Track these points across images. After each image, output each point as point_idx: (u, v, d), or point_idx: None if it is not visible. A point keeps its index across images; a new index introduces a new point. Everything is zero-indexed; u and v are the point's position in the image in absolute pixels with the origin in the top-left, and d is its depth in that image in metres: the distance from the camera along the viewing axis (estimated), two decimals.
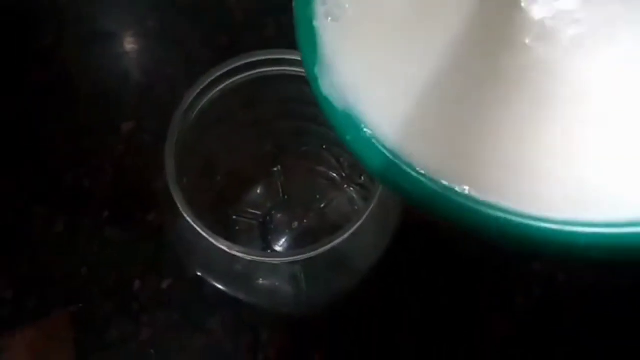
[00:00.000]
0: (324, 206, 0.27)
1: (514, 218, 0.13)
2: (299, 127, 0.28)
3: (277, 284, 0.23)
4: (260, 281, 0.23)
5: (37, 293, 0.33)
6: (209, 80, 0.24)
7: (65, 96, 0.37)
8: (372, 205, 0.20)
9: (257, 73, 0.25)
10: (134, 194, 0.34)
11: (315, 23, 0.16)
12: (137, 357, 0.32)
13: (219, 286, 0.23)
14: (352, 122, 0.15)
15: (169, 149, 0.21)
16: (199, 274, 0.23)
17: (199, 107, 0.25)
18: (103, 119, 0.36)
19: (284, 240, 0.27)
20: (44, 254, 0.33)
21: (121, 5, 0.40)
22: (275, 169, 0.30)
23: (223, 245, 0.20)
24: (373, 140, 0.15)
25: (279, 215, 0.28)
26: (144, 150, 0.35)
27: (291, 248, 0.26)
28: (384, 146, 0.14)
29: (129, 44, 0.39)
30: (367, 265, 0.23)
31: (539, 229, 0.13)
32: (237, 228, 0.28)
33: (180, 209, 0.20)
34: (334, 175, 0.29)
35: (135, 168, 0.35)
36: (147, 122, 0.36)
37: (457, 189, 0.14)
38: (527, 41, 0.14)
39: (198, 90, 0.24)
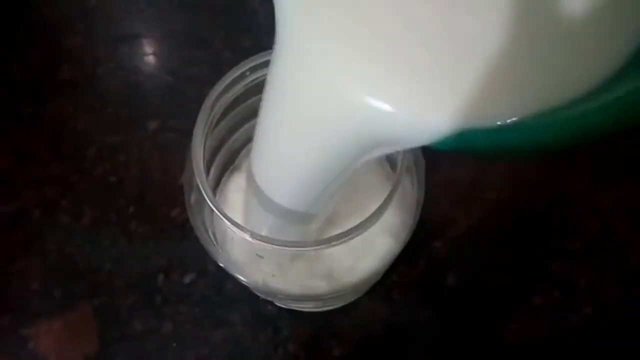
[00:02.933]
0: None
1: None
2: None
3: (301, 272, 0.23)
4: (284, 269, 0.23)
5: (63, 285, 0.34)
6: (234, 76, 0.25)
7: (93, 94, 0.38)
8: (397, 189, 0.20)
9: None
10: (159, 190, 0.35)
11: None
12: (158, 349, 0.32)
13: (241, 278, 0.24)
14: None
15: (197, 139, 0.21)
16: (221, 265, 0.24)
17: (224, 103, 0.25)
18: (130, 117, 0.37)
19: None
20: (70, 247, 0.34)
21: (148, 7, 0.41)
22: None
23: (246, 234, 0.20)
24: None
25: None
26: (169, 148, 0.36)
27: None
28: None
29: (155, 45, 0.40)
30: (391, 253, 0.23)
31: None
32: None
33: (205, 197, 0.21)
34: None
35: (161, 165, 0.36)
36: (173, 121, 0.37)
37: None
38: None
39: (223, 86, 0.25)
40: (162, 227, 0.35)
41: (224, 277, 0.33)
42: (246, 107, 0.26)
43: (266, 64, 0.24)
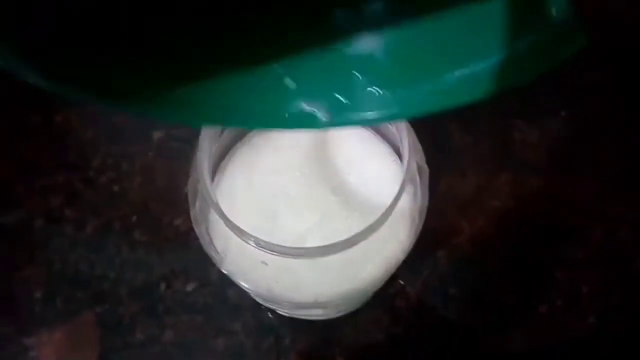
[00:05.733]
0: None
1: None
2: None
3: (306, 278, 0.23)
4: (288, 276, 0.23)
5: (66, 293, 0.34)
6: None
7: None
8: (400, 197, 0.20)
9: None
10: (163, 199, 0.35)
11: None
12: (160, 358, 0.32)
13: (245, 285, 0.24)
14: None
15: (203, 145, 0.22)
16: (225, 272, 0.24)
17: None
18: (135, 126, 0.37)
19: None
20: (73, 256, 0.34)
21: None
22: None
23: (251, 241, 0.20)
24: None
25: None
26: (174, 157, 0.36)
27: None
28: None
29: None
30: (395, 260, 0.24)
31: None
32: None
33: (211, 204, 0.21)
34: None
35: (165, 174, 0.36)
36: (177, 130, 0.37)
37: None
38: None
39: None
40: (165, 236, 0.35)
41: (226, 286, 0.33)
42: None
43: None
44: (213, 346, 0.32)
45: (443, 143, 0.36)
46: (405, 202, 0.24)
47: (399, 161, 0.26)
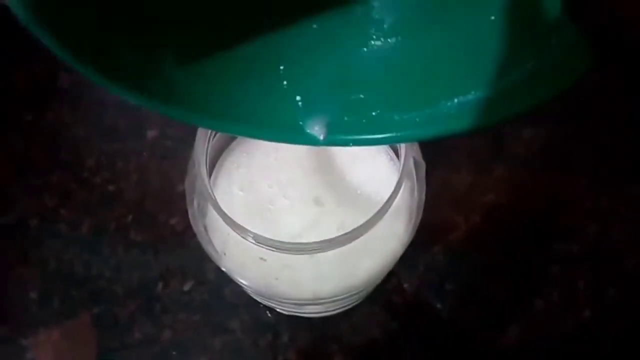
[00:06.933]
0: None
1: None
2: None
3: (304, 274, 0.23)
4: (287, 272, 0.23)
5: (62, 294, 0.33)
6: None
7: (92, 103, 0.38)
8: (398, 192, 0.21)
9: None
10: (158, 198, 0.35)
11: None
12: (158, 357, 0.32)
13: (244, 282, 0.24)
14: None
15: (200, 142, 0.22)
16: (223, 269, 0.24)
17: None
18: (128, 125, 0.37)
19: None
20: (69, 256, 0.34)
21: None
22: None
23: (250, 236, 0.20)
24: None
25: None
26: (168, 156, 0.36)
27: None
28: None
29: None
30: (394, 255, 0.24)
31: None
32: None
33: (209, 202, 0.21)
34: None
35: (160, 173, 0.36)
36: (171, 129, 0.37)
37: None
38: None
39: None
40: (161, 235, 0.35)
41: (223, 284, 0.33)
42: None
43: None
44: (211, 344, 0.32)
45: None
46: (402, 196, 0.24)
47: (394, 157, 0.26)
